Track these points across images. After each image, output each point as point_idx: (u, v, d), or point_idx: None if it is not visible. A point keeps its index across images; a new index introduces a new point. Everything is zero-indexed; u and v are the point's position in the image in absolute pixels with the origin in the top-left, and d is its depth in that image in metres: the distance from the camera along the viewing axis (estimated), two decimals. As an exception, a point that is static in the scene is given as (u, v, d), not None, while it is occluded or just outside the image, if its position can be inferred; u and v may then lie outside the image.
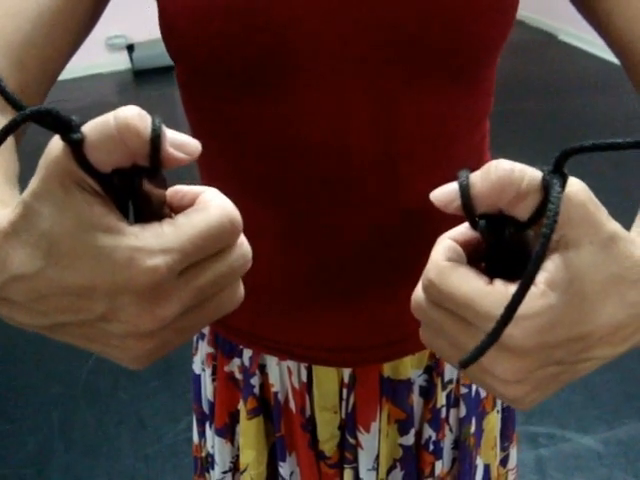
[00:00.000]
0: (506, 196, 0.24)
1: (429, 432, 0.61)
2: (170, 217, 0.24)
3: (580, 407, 1.60)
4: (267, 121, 0.45)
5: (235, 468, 0.65)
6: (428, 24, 0.41)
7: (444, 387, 0.60)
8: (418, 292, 0.28)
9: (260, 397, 0.60)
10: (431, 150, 0.48)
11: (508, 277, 0.25)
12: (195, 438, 0.71)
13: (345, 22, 0.41)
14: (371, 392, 0.58)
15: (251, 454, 0.62)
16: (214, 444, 0.65)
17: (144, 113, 0.22)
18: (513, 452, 0.72)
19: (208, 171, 0.54)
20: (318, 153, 0.45)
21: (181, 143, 0.23)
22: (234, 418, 0.63)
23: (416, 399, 0.60)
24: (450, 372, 0.60)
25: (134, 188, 0.23)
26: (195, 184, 0.27)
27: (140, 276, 0.22)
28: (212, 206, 0.24)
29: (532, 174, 0.24)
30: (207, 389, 0.65)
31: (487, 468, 0.67)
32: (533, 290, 0.24)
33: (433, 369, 0.59)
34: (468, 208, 0.24)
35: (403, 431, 0.60)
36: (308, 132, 0.44)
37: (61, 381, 1.76)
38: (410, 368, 0.58)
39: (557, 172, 0.23)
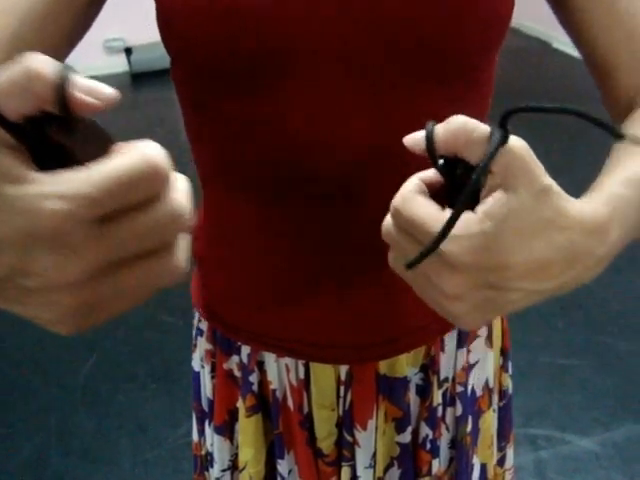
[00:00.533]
0: (460, 142, 0.30)
1: (426, 430, 0.61)
2: None
3: (578, 409, 1.60)
4: (266, 120, 0.45)
5: (234, 466, 0.65)
6: (427, 25, 0.41)
7: (440, 385, 0.60)
8: (388, 219, 0.33)
9: (259, 394, 0.61)
10: None
11: None
12: (195, 436, 0.71)
13: (345, 22, 0.41)
14: (368, 390, 0.58)
15: (250, 452, 0.62)
16: (213, 442, 0.65)
17: (52, 60, 0.22)
18: (510, 452, 0.73)
19: (205, 170, 0.54)
20: (317, 152, 0.46)
21: (90, 88, 0.23)
22: (233, 416, 0.63)
23: (412, 397, 0.60)
24: (446, 371, 0.61)
25: (46, 137, 0.23)
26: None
27: (41, 222, 0.21)
28: (132, 152, 0.23)
29: (483, 128, 0.29)
30: (206, 387, 0.65)
31: (484, 467, 0.68)
32: (472, 216, 0.29)
33: (429, 367, 0.60)
34: (431, 150, 0.31)
35: (400, 429, 0.60)
36: (307, 131, 0.45)
37: (59, 384, 1.75)
38: (406, 366, 0.58)
39: (501, 128, 0.29)
